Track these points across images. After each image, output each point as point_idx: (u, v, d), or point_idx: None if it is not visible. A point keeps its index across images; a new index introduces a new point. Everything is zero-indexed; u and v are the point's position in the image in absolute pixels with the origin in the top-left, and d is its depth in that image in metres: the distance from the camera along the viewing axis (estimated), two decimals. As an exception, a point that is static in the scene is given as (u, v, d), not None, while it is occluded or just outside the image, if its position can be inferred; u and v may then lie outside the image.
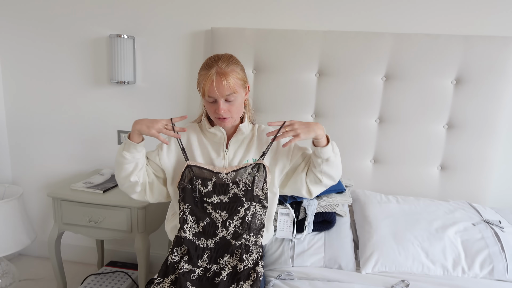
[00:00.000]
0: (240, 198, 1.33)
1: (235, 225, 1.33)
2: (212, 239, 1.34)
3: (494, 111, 1.81)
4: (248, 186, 1.33)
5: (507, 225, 1.56)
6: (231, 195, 1.33)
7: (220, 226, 1.34)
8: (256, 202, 1.34)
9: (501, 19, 1.80)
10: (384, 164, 1.95)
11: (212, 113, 1.31)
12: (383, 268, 1.38)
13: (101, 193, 1.88)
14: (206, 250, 1.34)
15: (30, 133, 2.34)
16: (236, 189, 1.33)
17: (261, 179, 1.34)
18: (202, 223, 1.34)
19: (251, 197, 1.33)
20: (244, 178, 1.33)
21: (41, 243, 2.50)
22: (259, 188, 1.34)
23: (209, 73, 1.24)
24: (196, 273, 1.28)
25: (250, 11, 1.96)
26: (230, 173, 1.33)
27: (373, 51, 1.84)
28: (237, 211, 1.33)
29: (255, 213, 1.35)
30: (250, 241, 1.34)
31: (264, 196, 1.35)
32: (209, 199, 1.34)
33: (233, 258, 1.32)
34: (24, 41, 2.20)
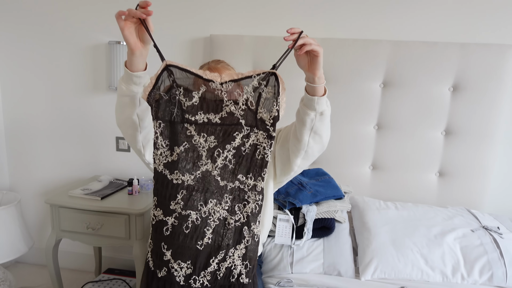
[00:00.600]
0: (238, 119, 0.99)
1: (226, 157, 0.99)
2: (190, 174, 0.98)
3: (491, 118, 1.82)
4: (251, 104, 0.99)
5: (505, 231, 1.56)
6: (224, 114, 0.99)
7: (204, 156, 0.99)
8: (259, 129, 1.01)
9: (497, 27, 1.82)
10: (383, 171, 1.95)
11: None
12: (383, 274, 1.38)
13: (99, 199, 1.88)
14: (182, 188, 0.98)
15: (28, 139, 2.33)
16: (232, 107, 0.99)
17: (270, 97, 1.00)
18: (177, 149, 0.98)
19: (253, 121, 1.00)
20: (246, 93, 0.99)
21: (39, 250, 2.48)
22: (267, 109, 1.00)
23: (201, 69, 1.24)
24: (168, 224, 0.97)
25: (249, 18, 1.98)
26: (227, 84, 0.99)
27: (371, 58, 1.85)
28: (231, 137, 0.99)
29: (257, 144, 1.01)
30: (247, 185, 1.00)
31: (271, 122, 1.00)
32: (192, 116, 0.99)
33: (221, 207, 0.98)
34: (23, 47, 2.20)
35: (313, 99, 1.02)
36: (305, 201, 1.54)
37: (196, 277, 0.98)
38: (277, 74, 1.00)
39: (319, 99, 1.02)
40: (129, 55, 1.00)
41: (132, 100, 1.04)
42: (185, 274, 0.97)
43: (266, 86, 1.00)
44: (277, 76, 1.00)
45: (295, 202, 1.53)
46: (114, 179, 2.17)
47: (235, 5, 1.97)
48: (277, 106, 1.00)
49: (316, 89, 1.01)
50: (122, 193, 2.00)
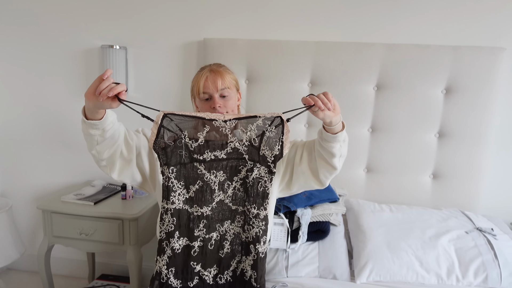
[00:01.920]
0: (242, 154, 1.09)
1: (235, 187, 1.12)
2: (207, 206, 1.12)
3: (483, 120, 1.83)
4: (254, 141, 1.07)
5: (499, 232, 1.57)
6: (229, 150, 1.08)
7: (217, 190, 1.12)
8: (262, 164, 1.09)
9: (490, 30, 1.83)
10: (377, 173, 1.96)
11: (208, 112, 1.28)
12: (378, 277, 1.37)
13: (92, 205, 1.86)
14: (202, 218, 1.13)
15: (19, 144, 2.31)
16: (237, 143, 1.08)
17: (273, 136, 1.06)
18: (193, 187, 1.11)
19: (256, 157, 1.09)
20: (250, 131, 1.07)
21: (31, 256, 2.45)
22: (269, 147, 1.07)
23: (202, 72, 1.28)
24: (195, 247, 1.13)
25: (243, 22, 1.98)
26: (230, 121, 1.05)
27: (365, 61, 1.86)
28: (237, 170, 1.11)
29: (259, 177, 1.11)
30: (251, 213, 1.12)
31: (272, 160, 1.08)
32: (200, 156, 1.07)
33: (235, 225, 1.15)
34: (15, 52, 2.18)
35: (333, 136, 1.08)
36: (300, 205, 1.54)
37: (221, 276, 1.18)
38: (283, 117, 1.06)
39: (338, 135, 1.08)
40: (91, 109, 1.02)
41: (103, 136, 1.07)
42: (213, 275, 1.16)
43: (270, 126, 1.07)
44: (283, 120, 1.06)
45: (289, 205, 1.52)
46: (107, 184, 2.15)
47: (228, 8, 1.97)
48: (279, 145, 1.07)
49: (334, 129, 1.08)
50: (115, 198, 1.98)
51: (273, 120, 1.06)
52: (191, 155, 1.09)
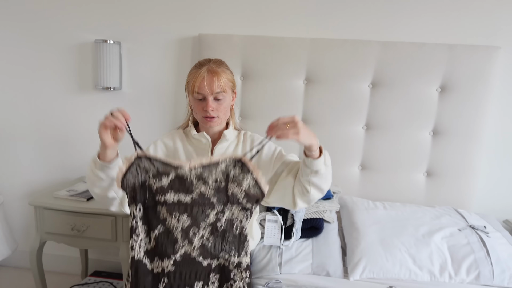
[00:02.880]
0: (209, 199, 1.00)
1: (203, 235, 0.97)
2: (169, 259, 0.96)
3: (477, 118, 1.84)
4: (220, 183, 1.00)
5: (492, 230, 1.58)
6: (195, 196, 0.99)
7: (180, 238, 0.97)
8: (233, 203, 1.00)
9: (485, 29, 1.84)
10: (371, 171, 1.96)
11: (200, 112, 1.27)
12: (371, 274, 1.38)
13: (84, 201, 1.84)
14: (162, 276, 0.95)
15: (12, 140, 2.28)
16: (203, 187, 1.00)
17: (238, 174, 1.02)
18: (152, 234, 0.98)
19: (225, 198, 1.00)
20: (215, 174, 1.02)
21: (22, 253, 2.42)
22: (237, 183, 1.01)
23: (200, 70, 1.25)
24: None
25: (238, 17, 1.97)
26: (195, 169, 1.01)
27: (360, 58, 1.86)
28: (204, 214, 0.99)
29: (233, 219, 1.00)
30: (231, 262, 0.97)
31: (244, 194, 1.00)
32: (162, 196, 0.98)
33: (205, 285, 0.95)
34: (7, 46, 2.15)
35: (308, 159, 1.06)
36: None
37: None
38: (242, 159, 1.03)
39: (313, 160, 1.05)
40: (103, 150, 1.07)
41: (111, 181, 1.08)
42: None
43: (234, 167, 1.02)
44: (243, 161, 1.02)
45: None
46: (100, 180, 2.14)
47: (224, 4, 1.96)
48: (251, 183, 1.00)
49: (311, 154, 1.06)
50: (108, 194, 1.96)
51: (235, 163, 1.02)
52: (154, 197, 0.99)
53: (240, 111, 1.99)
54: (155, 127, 2.14)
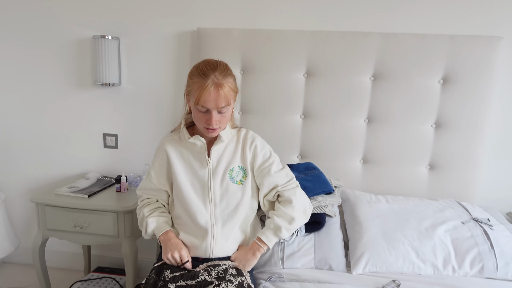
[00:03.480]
0: (212, 282, 1.22)
1: None
2: None
3: (480, 110, 1.82)
4: (220, 274, 1.25)
5: (495, 223, 1.57)
6: (200, 280, 1.23)
7: None
8: (227, 281, 1.22)
9: (487, 19, 1.81)
10: (373, 164, 1.95)
11: (202, 123, 1.28)
12: (374, 268, 1.37)
13: (86, 197, 1.84)
14: None
15: (12, 136, 2.28)
16: (206, 276, 1.24)
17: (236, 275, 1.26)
18: None
19: (223, 280, 1.23)
20: (218, 270, 1.27)
21: (25, 250, 2.43)
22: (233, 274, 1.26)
23: (206, 83, 1.21)
24: None
25: (237, 11, 1.94)
26: (207, 268, 1.28)
27: (361, 51, 1.84)
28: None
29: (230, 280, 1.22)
30: None
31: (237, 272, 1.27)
32: (173, 283, 1.22)
33: None
34: (6, 43, 2.14)
35: None
36: None
37: None
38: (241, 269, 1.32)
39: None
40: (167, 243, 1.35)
41: None
42: None
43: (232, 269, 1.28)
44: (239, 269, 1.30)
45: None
46: (101, 177, 2.13)
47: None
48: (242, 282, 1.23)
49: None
50: (110, 191, 1.96)
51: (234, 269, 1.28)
52: (166, 284, 1.21)
53: (240, 106, 1.97)
54: (154, 122, 2.13)
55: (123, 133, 2.18)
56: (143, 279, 2.27)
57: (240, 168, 1.38)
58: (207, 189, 1.34)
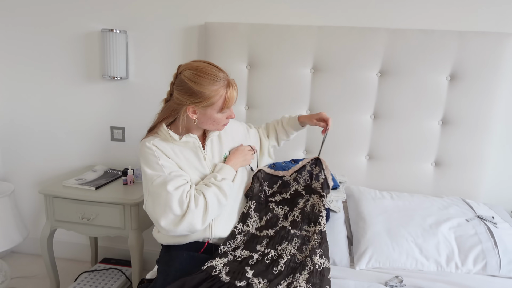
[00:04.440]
0: (300, 192, 1.44)
1: (294, 214, 1.39)
2: (272, 229, 1.38)
3: (488, 107, 1.81)
4: (307, 180, 1.45)
5: (500, 221, 1.57)
6: (292, 191, 1.46)
7: (281, 218, 1.41)
8: (314, 194, 1.43)
9: (496, 15, 1.79)
10: (379, 160, 1.95)
11: (222, 121, 1.32)
12: (377, 264, 1.38)
13: (93, 189, 1.86)
14: (266, 238, 1.35)
15: (21, 129, 2.31)
16: (296, 186, 1.46)
17: (318, 172, 1.44)
18: (265, 217, 1.41)
19: (310, 190, 1.44)
20: (304, 175, 1.46)
21: (34, 240, 2.48)
22: (317, 180, 1.44)
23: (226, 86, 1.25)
24: (254, 258, 1.26)
25: (244, 5, 1.94)
26: (292, 174, 1.48)
27: (368, 46, 1.83)
28: (296, 203, 1.42)
29: (314, 203, 1.41)
30: (310, 231, 1.35)
31: (321, 186, 1.43)
32: (273, 198, 1.46)
33: (291, 246, 1.30)
34: (15, 37, 2.16)
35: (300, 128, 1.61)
36: None
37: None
38: (320, 158, 1.47)
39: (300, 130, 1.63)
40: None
41: None
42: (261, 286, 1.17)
43: (315, 166, 1.47)
44: (320, 160, 1.47)
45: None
46: (108, 169, 2.16)
47: (230, -8, 1.94)
48: (323, 176, 1.44)
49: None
50: (117, 183, 1.99)
51: (316, 162, 1.46)
52: (267, 198, 1.47)
53: (246, 100, 1.98)
54: (162, 116, 2.14)
55: (130, 126, 2.20)
56: (148, 271, 2.31)
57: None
58: None
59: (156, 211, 1.23)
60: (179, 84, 1.26)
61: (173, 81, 1.30)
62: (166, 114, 1.33)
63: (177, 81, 1.27)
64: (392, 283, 1.28)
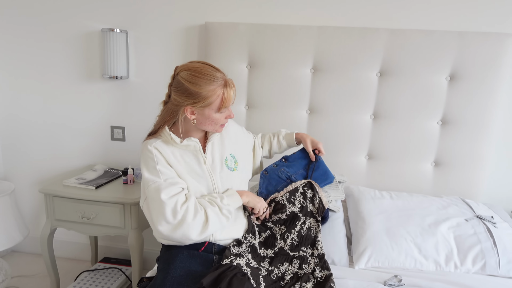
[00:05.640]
0: (297, 214, 1.47)
1: (293, 238, 1.41)
2: (271, 249, 1.40)
3: (487, 108, 1.81)
4: (302, 202, 1.49)
5: (499, 220, 1.57)
6: (288, 213, 1.47)
7: (279, 238, 1.43)
8: (310, 217, 1.47)
9: (496, 16, 1.80)
10: (378, 160, 1.95)
11: (220, 122, 1.32)
12: (376, 263, 1.38)
13: (93, 189, 1.87)
14: (267, 258, 1.37)
15: (22, 128, 2.31)
16: (292, 207, 1.48)
17: (312, 195, 1.51)
18: (264, 234, 1.44)
19: (306, 213, 1.48)
20: (298, 197, 1.50)
21: (34, 239, 2.48)
22: (312, 204, 1.49)
23: (223, 85, 1.25)
24: (262, 271, 1.30)
25: (245, 5, 1.95)
26: (285, 195, 1.51)
27: (368, 47, 1.83)
28: (294, 225, 1.44)
29: (310, 226, 1.45)
30: (308, 253, 1.38)
31: (317, 211, 1.48)
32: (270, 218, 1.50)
33: (292, 266, 1.34)
34: (16, 36, 2.17)
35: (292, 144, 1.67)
36: None
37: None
38: (312, 182, 1.54)
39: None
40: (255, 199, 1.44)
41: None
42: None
43: (308, 189, 1.52)
44: (313, 183, 1.54)
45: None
46: (109, 169, 2.16)
47: (230, -8, 1.94)
48: (318, 200, 1.51)
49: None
50: (117, 183, 1.99)
51: (308, 185, 1.53)
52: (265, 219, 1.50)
53: (246, 100, 1.98)
54: (162, 116, 2.14)
55: (130, 126, 2.21)
56: (148, 270, 2.32)
57: (232, 156, 1.43)
58: (211, 184, 1.35)
59: (152, 215, 1.24)
60: (176, 85, 1.26)
61: (171, 83, 1.30)
62: (166, 117, 1.32)
63: (175, 82, 1.28)
64: (391, 283, 1.28)
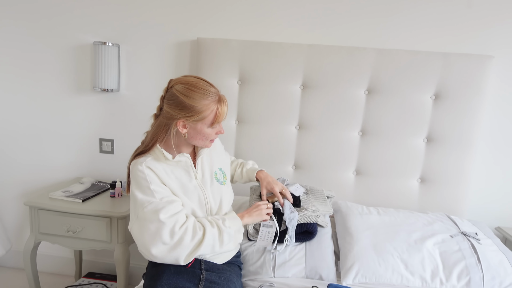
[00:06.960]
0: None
1: None
2: None
3: (471, 126, 1.86)
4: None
5: (483, 237, 1.60)
6: None
7: None
8: None
9: (479, 38, 1.87)
10: (366, 176, 1.98)
11: (210, 137, 1.32)
12: (364, 279, 1.39)
13: (80, 202, 1.85)
14: None
15: (8, 139, 2.28)
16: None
17: None
18: None
19: None
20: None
21: (17, 253, 2.42)
22: None
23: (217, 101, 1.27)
24: None
25: (237, 22, 1.99)
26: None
27: (356, 65, 1.88)
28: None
29: None
30: None
31: None
32: None
33: None
34: (6, 48, 2.16)
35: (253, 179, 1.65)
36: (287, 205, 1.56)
37: None
38: None
39: None
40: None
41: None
42: None
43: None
44: None
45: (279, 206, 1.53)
46: (96, 182, 2.14)
47: (222, 9, 1.98)
48: None
49: None
50: (104, 196, 1.97)
51: None
52: None
53: (236, 115, 2.00)
54: (152, 129, 2.14)
55: (119, 138, 2.20)
56: (133, 286, 2.28)
57: (220, 169, 1.45)
58: (203, 199, 1.35)
59: (145, 238, 1.19)
60: (170, 98, 1.26)
61: (164, 95, 1.30)
62: (158, 131, 1.30)
63: (168, 95, 1.27)
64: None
